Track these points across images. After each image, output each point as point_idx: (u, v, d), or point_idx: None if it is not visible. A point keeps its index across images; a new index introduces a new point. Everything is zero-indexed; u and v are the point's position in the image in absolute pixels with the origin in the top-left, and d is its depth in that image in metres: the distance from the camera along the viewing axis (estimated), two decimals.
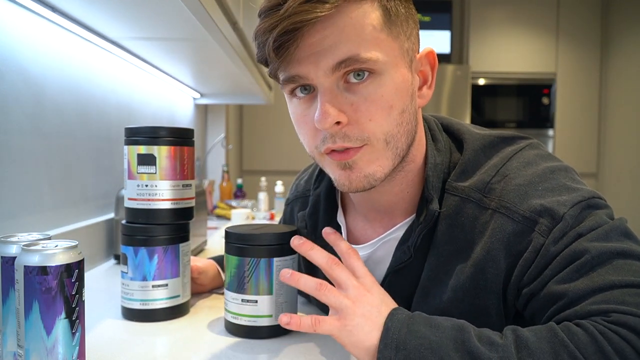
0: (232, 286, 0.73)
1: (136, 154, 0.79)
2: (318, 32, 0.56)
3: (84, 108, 1.23)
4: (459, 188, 0.65)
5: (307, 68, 0.58)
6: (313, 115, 0.60)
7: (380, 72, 0.58)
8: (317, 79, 0.58)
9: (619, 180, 3.68)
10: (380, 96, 0.59)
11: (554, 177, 0.62)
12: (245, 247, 0.72)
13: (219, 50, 1.32)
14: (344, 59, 0.56)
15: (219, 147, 2.78)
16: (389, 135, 0.60)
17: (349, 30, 0.56)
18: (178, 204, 0.81)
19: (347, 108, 0.59)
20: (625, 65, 3.64)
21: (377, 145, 0.60)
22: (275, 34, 0.55)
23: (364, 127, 0.59)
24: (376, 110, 0.59)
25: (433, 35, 3.93)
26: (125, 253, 0.80)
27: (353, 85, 0.58)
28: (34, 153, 1.01)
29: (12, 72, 0.94)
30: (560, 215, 0.58)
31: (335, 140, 0.59)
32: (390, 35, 0.59)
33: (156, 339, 0.73)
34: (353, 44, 0.56)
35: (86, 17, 1.08)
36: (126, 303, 0.80)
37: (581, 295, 0.54)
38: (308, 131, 0.63)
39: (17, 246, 0.59)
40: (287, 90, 0.63)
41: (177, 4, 0.90)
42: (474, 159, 0.67)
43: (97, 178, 1.30)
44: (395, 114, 0.60)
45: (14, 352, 0.58)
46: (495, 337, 0.53)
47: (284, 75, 0.60)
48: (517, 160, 0.65)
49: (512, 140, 0.69)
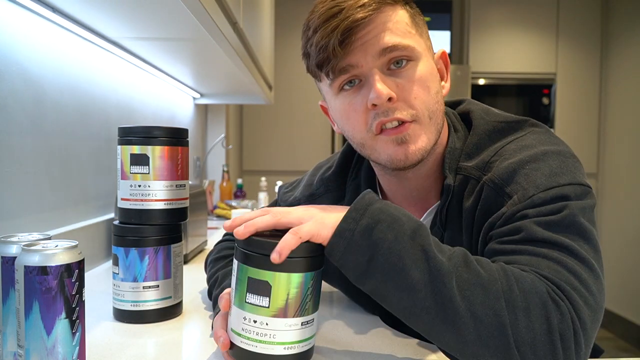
0: (290, 310, 0.57)
1: (129, 153, 0.78)
2: (365, 29, 0.69)
3: (84, 108, 1.23)
4: (463, 167, 0.74)
5: (357, 56, 0.69)
6: (361, 102, 0.71)
7: (416, 59, 0.71)
8: (367, 64, 0.69)
9: (619, 180, 3.68)
10: (419, 78, 0.71)
11: (543, 159, 0.67)
12: (309, 259, 0.59)
13: (219, 50, 1.32)
14: (388, 46, 0.69)
15: (219, 147, 2.78)
16: (431, 111, 0.71)
17: (389, 26, 0.70)
18: (171, 205, 0.80)
19: (394, 89, 0.69)
20: (625, 65, 3.64)
21: (424, 121, 0.71)
22: (339, 32, 0.68)
23: (411, 103, 0.70)
24: (418, 89, 0.70)
25: (433, 35, 3.87)
26: (116, 254, 0.80)
27: (395, 71, 0.70)
28: (34, 153, 1.01)
29: (12, 72, 0.94)
30: (529, 195, 0.64)
31: (387, 114, 0.69)
32: (417, 33, 0.73)
33: (147, 341, 0.73)
34: (393, 35, 0.70)
35: (86, 17, 1.08)
36: (117, 304, 0.80)
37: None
38: (359, 116, 0.72)
39: (17, 246, 0.59)
40: (336, 85, 0.73)
41: (177, 4, 0.90)
42: (478, 143, 0.75)
43: (97, 178, 1.30)
44: (433, 93, 0.72)
45: (14, 352, 0.58)
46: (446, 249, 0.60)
47: (338, 67, 0.70)
48: (516, 144, 0.72)
49: (517, 125, 0.76)
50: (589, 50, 3.86)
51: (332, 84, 0.73)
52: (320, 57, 0.70)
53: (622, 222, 3.61)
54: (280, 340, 0.57)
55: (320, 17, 0.69)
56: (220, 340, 0.61)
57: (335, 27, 0.68)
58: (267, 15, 2.20)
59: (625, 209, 3.58)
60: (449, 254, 0.58)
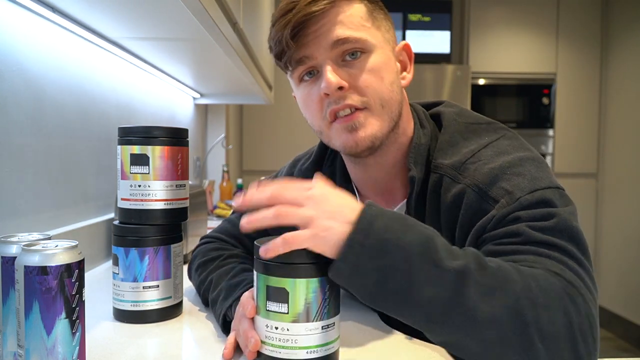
0: (311, 314, 0.59)
1: (129, 153, 0.78)
2: (318, 22, 0.72)
3: (84, 108, 1.23)
4: (438, 166, 0.75)
5: (311, 49, 0.73)
6: (316, 91, 0.74)
7: (369, 51, 0.74)
8: (320, 56, 0.73)
9: (619, 180, 3.68)
10: (372, 68, 0.74)
11: (522, 164, 0.70)
12: (324, 264, 0.59)
13: (219, 50, 1.32)
14: (340, 38, 0.72)
15: (219, 147, 2.78)
16: (383, 100, 0.74)
17: (341, 19, 0.73)
18: (171, 205, 0.80)
19: (346, 78, 0.73)
20: (625, 65, 3.64)
21: (376, 108, 0.74)
22: (290, 27, 0.71)
23: (362, 91, 0.73)
24: (371, 79, 0.73)
25: (433, 35, 3.93)
26: (116, 254, 0.79)
27: (349, 62, 0.74)
28: (34, 153, 1.01)
29: (12, 72, 0.94)
30: (517, 197, 0.66)
31: (338, 102, 0.73)
32: (374, 25, 0.76)
33: (147, 341, 0.73)
34: (346, 28, 0.73)
35: (86, 17, 1.08)
36: (117, 304, 0.80)
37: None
38: (314, 105, 0.76)
39: (17, 246, 0.59)
40: (296, 76, 0.77)
41: (177, 4, 0.90)
42: (451, 141, 0.77)
43: (97, 178, 1.30)
44: (387, 83, 0.75)
45: (14, 352, 0.58)
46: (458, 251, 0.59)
47: (295, 59, 0.74)
48: (492, 149, 0.74)
49: (488, 126, 0.79)
50: (589, 50, 3.86)
51: (292, 75, 0.78)
52: (277, 50, 0.75)
53: (622, 222, 3.61)
54: (302, 344, 0.59)
55: (278, 12, 0.74)
56: (251, 341, 0.60)
57: (288, 21, 0.72)
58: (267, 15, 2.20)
59: (625, 209, 3.58)
60: (463, 260, 0.56)
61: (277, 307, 0.59)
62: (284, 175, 0.97)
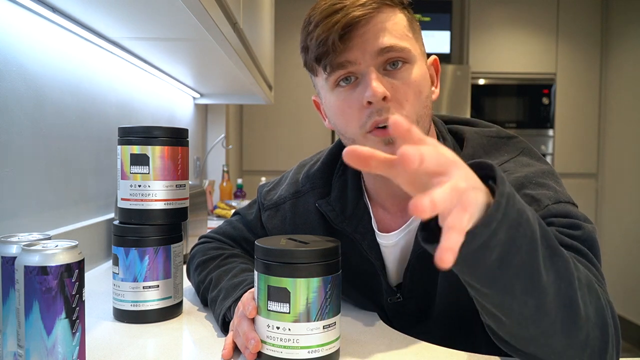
0: (312, 314, 0.60)
1: (129, 153, 0.78)
2: (365, 27, 0.70)
3: (84, 108, 1.23)
4: None
5: (355, 54, 0.71)
6: (357, 98, 0.71)
7: (411, 62, 0.73)
8: (364, 62, 0.71)
9: (619, 180, 3.68)
10: (413, 81, 0.72)
11: (544, 176, 0.73)
12: (325, 264, 0.60)
13: (219, 50, 1.32)
14: (386, 46, 0.70)
15: (219, 147, 2.78)
16: (419, 115, 0.73)
17: (387, 26, 0.71)
18: (172, 205, 0.80)
19: (388, 88, 0.70)
20: (625, 65, 3.64)
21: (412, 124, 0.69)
22: (339, 28, 0.69)
23: (402, 104, 0.71)
24: (410, 93, 0.72)
25: (433, 35, 3.93)
26: (116, 254, 0.80)
27: (391, 72, 0.72)
28: (34, 153, 1.01)
29: (12, 72, 0.94)
30: (545, 205, 0.68)
31: (381, 113, 0.70)
32: (414, 37, 0.75)
33: (147, 341, 0.73)
34: (391, 36, 0.71)
35: (86, 17, 1.08)
36: (117, 304, 0.80)
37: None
38: (353, 112, 0.72)
39: (17, 246, 0.59)
40: (333, 81, 0.73)
41: (177, 4, 0.90)
42: (475, 155, 0.77)
43: (97, 178, 1.30)
44: (423, 98, 0.73)
45: (14, 352, 0.58)
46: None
47: (336, 62, 0.71)
48: (514, 163, 0.76)
49: (509, 140, 0.80)
50: (589, 50, 3.86)
51: (328, 79, 0.74)
52: (320, 51, 0.72)
53: (622, 222, 3.61)
54: (304, 344, 0.60)
55: (322, 13, 0.71)
56: (252, 343, 0.61)
57: (336, 22, 0.69)
58: (267, 15, 2.20)
59: (625, 209, 3.58)
60: (565, 252, 0.56)
61: (279, 307, 0.59)
62: (290, 180, 0.93)
